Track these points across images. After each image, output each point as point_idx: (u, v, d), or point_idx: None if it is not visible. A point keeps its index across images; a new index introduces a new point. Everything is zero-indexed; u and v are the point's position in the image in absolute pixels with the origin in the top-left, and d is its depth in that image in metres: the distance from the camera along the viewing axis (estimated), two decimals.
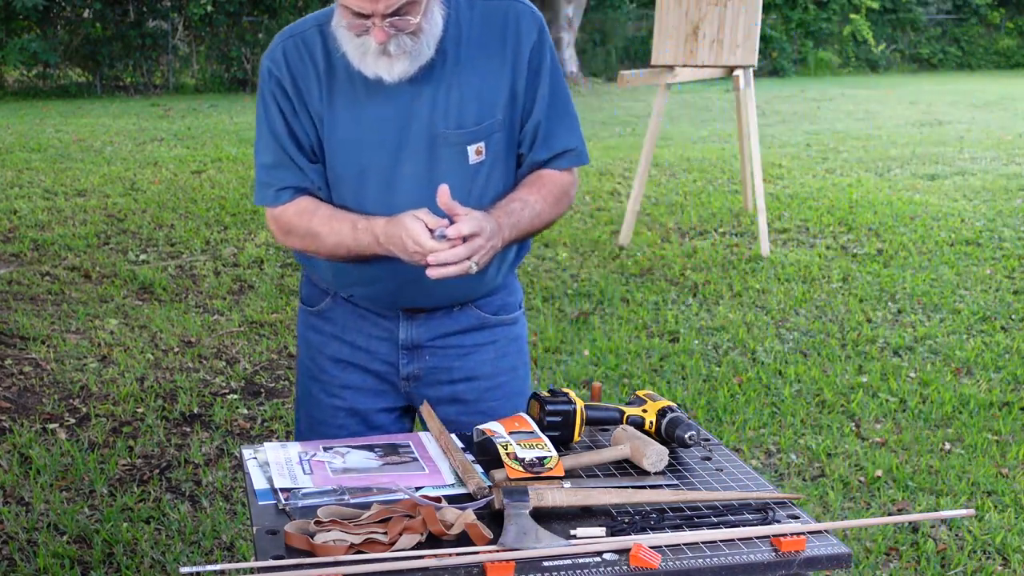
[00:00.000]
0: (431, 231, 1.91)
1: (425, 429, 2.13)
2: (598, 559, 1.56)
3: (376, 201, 2.07)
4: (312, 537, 1.56)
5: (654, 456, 1.86)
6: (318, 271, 2.24)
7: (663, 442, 1.97)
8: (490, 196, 2.11)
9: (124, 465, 3.91)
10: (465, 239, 1.90)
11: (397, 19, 1.92)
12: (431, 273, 1.91)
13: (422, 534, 1.58)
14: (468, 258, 1.90)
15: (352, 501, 1.71)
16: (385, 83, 2.01)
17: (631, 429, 1.96)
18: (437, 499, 1.67)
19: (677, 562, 1.56)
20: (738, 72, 7.00)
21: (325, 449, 1.92)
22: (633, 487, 1.80)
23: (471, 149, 2.07)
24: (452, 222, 1.91)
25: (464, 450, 1.93)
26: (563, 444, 1.97)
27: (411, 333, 2.21)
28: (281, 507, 1.70)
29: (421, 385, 2.24)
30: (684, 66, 7.10)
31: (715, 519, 1.69)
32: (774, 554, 1.59)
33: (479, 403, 2.24)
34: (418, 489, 1.74)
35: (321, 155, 2.10)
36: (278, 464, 1.85)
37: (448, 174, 2.05)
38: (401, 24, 1.93)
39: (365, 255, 2.06)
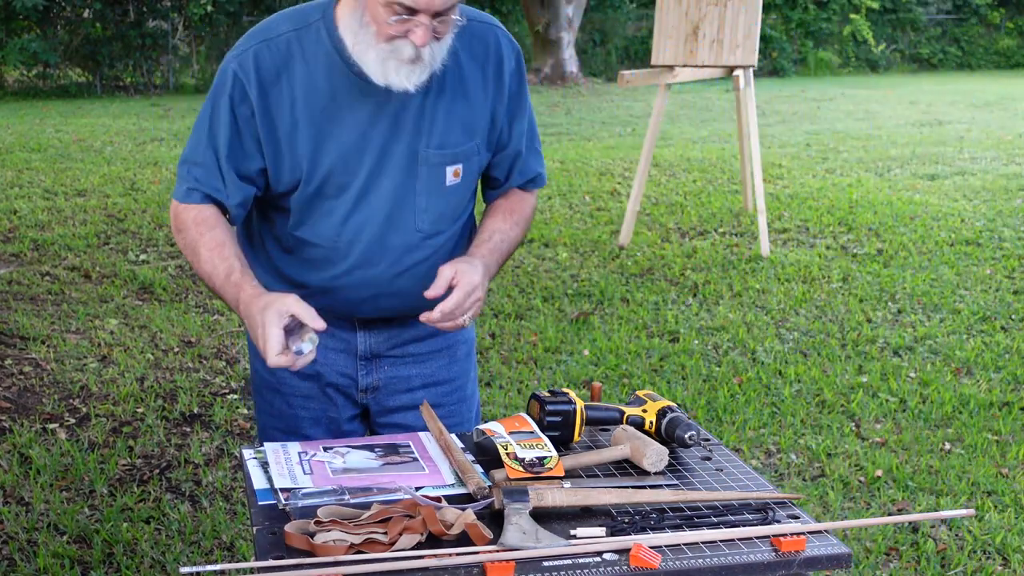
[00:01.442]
0: (288, 333, 1.79)
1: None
2: (598, 559, 1.56)
3: (345, 215, 2.03)
4: (312, 537, 1.56)
5: (654, 456, 1.86)
6: (262, 281, 2.12)
7: (663, 442, 1.97)
8: (460, 216, 2.13)
9: (124, 465, 3.91)
10: (453, 310, 1.92)
11: (442, 19, 1.86)
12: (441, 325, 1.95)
13: (422, 534, 1.58)
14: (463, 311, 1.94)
15: (352, 501, 1.71)
16: (378, 94, 1.94)
17: (631, 429, 1.96)
18: (437, 499, 1.68)
19: (677, 562, 1.56)
20: (738, 72, 7.00)
21: (325, 449, 1.92)
22: (633, 487, 1.80)
23: (449, 171, 2.04)
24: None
25: (464, 450, 1.93)
26: (563, 444, 1.97)
27: (369, 344, 2.19)
28: (281, 507, 1.70)
29: (380, 395, 2.24)
30: (684, 66, 7.10)
31: (715, 519, 1.69)
32: (774, 554, 1.59)
33: (440, 408, 2.20)
34: (418, 489, 1.74)
35: (260, 178, 2.03)
36: (278, 464, 1.85)
37: (424, 193, 2.04)
38: (442, 28, 1.88)
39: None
